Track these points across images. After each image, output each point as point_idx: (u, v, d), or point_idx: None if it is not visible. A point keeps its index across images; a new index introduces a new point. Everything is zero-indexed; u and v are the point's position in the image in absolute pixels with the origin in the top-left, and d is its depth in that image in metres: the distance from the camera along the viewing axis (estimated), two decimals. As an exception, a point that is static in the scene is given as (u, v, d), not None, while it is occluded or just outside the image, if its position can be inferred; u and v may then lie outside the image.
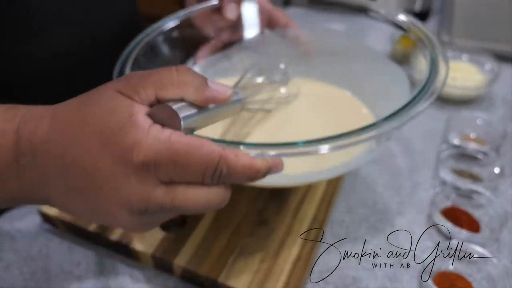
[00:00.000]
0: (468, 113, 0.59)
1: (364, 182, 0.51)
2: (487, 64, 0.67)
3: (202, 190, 0.26)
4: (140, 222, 0.27)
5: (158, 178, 0.25)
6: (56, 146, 0.26)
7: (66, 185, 0.26)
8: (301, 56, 0.51)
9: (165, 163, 0.24)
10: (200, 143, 0.24)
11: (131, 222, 0.26)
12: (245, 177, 0.26)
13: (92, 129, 0.25)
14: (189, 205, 0.26)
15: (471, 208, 0.47)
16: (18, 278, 0.40)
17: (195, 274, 0.39)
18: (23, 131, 0.26)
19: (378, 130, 0.29)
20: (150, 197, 0.25)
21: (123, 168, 0.24)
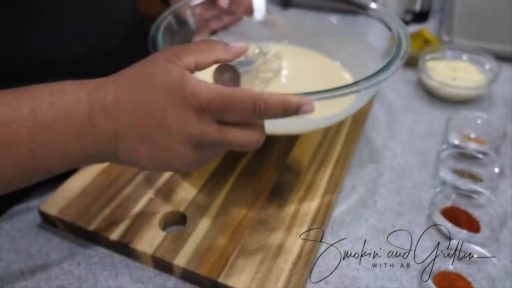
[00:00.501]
0: (468, 113, 0.59)
1: (364, 182, 0.51)
2: (487, 64, 0.67)
3: (245, 130, 0.32)
4: (196, 157, 0.32)
5: (211, 118, 0.31)
6: (126, 103, 0.31)
7: (135, 136, 0.31)
8: (279, 37, 0.62)
9: (215, 106, 0.30)
10: (241, 89, 0.31)
11: (189, 156, 0.32)
12: (279, 110, 0.31)
13: (156, 85, 0.31)
14: (235, 141, 0.32)
15: (471, 208, 0.47)
16: (18, 278, 0.40)
17: (195, 274, 0.39)
18: (93, 97, 0.31)
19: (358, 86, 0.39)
20: (206, 132, 0.31)
21: (185, 111, 0.30)
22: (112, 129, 0.31)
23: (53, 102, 0.30)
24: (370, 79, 0.39)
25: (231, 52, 0.36)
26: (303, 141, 0.53)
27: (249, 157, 0.51)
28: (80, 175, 0.48)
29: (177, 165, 0.33)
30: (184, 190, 0.46)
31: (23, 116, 0.29)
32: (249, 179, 0.48)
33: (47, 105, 0.30)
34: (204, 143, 0.32)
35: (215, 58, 0.34)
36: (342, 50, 0.59)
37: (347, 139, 0.54)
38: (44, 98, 0.30)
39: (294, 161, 0.50)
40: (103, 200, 0.45)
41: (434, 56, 0.70)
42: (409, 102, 0.65)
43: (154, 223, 0.43)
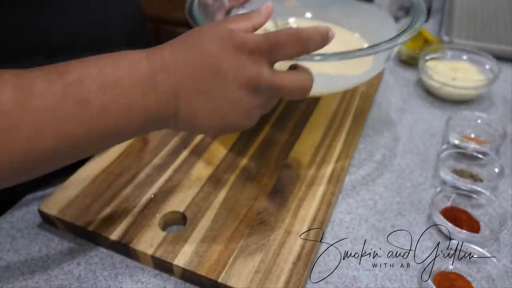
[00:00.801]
0: (468, 113, 0.59)
1: (364, 182, 0.51)
2: (487, 64, 0.67)
3: (295, 73, 0.35)
4: (252, 103, 0.34)
5: (264, 60, 0.33)
6: (182, 59, 0.33)
7: (194, 90, 0.33)
8: (295, 12, 0.64)
9: (265, 47, 0.33)
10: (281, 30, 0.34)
11: (246, 103, 0.34)
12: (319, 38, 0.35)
13: (207, 40, 0.33)
14: (287, 84, 0.34)
15: (471, 208, 0.47)
16: (18, 277, 0.40)
17: (195, 274, 0.39)
18: (152, 57, 0.33)
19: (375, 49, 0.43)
20: (260, 74, 0.33)
21: (238, 56, 0.33)
22: (172, 85, 0.33)
23: (117, 62, 0.32)
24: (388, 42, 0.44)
25: (262, 15, 0.36)
26: (303, 141, 0.54)
27: (249, 157, 0.51)
28: (80, 175, 0.48)
29: (234, 117, 0.35)
30: (184, 190, 0.46)
31: (92, 75, 0.31)
32: (249, 179, 0.48)
33: (111, 65, 0.32)
34: (259, 87, 0.33)
35: (252, 24, 0.35)
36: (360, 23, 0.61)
37: (347, 139, 0.54)
38: (107, 60, 0.32)
39: (294, 161, 0.50)
40: (103, 200, 0.45)
41: (434, 56, 0.70)
42: (409, 102, 0.65)
43: (154, 223, 0.43)
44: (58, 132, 0.30)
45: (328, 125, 0.56)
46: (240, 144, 0.53)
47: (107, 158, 0.50)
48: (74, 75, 0.30)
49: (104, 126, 0.31)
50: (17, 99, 0.28)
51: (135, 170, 0.49)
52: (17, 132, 0.28)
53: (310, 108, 0.60)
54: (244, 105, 0.34)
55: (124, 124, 0.32)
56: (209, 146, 0.53)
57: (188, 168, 0.49)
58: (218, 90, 0.33)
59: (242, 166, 0.50)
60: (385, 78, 0.71)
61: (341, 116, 0.58)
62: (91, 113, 0.30)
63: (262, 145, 0.53)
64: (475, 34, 0.80)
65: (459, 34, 0.79)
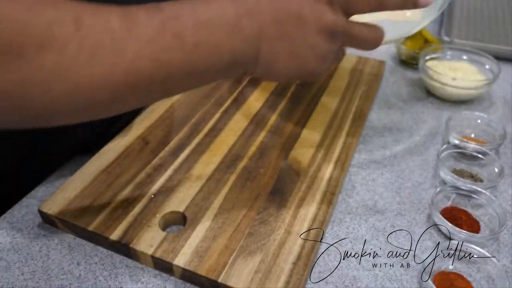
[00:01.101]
0: (468, 113, 0.59)
1: (364, 182, 0.51)
2: (487, 64, 0.67)
3: (367, 26, 0.38)
4: (328, 48, 0.37)
5: (341, 9, 0.36)
6: (266, 5, 0.35)
7: (276, 33, 0.35)
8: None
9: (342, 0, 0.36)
10: None
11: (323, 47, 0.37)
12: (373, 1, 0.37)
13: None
14: (360, 33, 0.38)
15: (471, 208, 0.47)
16: (18, 278, 0.40)
17: (195, 274, 0.39)
18: (235, 2, 0.35)
19: None
20: (337, 21, 0.36)
21: (318, 4, 0.36)
22: (257, 28, 0.35)
23: (208, 4, 0.34)
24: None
25: None
26: (303, 141, 0.54)
27: (249, 157, 0.51)
28: (80, 175, 0.48)
29: (311, 61, 0.37)
30: (184, 190, 0.46)
31: (187, 13, 0.33)
32: (249, 179, 0.48)
33: (204, 7, 0.34)
34: (335, 33, 0.36)
35: None
36: None
37: (347, 139, 0.54)
38: (200, 2, 0.34)
39: (294, 161, 0.50)
40: (103, 200, 0.45)
41: (434, 56, 0.70)
42: (409, 102, 0.65)
43: (154, 223, 0.43)
44: (156, 60, 0.31)
45: (328, 125, 0.56)
46: (240, 144, 0.53)
47: (107, 158, 0.50)
48: (172, 11, 0.32)
49: (195, 61, 0.33)
50: (123, 26, 0.30)
51: (135, 170, 0.49)
52: (122, 56, 0.30)
53: (310, 108, 0.60)
54: (321, 50, 0.37)
55: (212, 63, 0.34)
56: (209, 146, 0.53)
57: (188, 168, 0.49)
58: (298, 34, 0.36)
59: (242, 166, 0.50)
60: (385, 78, 0.71)
61: (341, 116, 0.58)
62: (186, 47, 0.32)
63: (262, 145, 0.53)
64: (475, 34, 0.80)
65: (459, 34, 0.79)
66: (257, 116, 0.58)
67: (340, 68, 0.69)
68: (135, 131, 0.55)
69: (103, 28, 0.29)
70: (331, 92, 0.63)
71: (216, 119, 0.58)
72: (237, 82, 0.65)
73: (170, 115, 0.58)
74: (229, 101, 0.61)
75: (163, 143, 0.53)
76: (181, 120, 0.57)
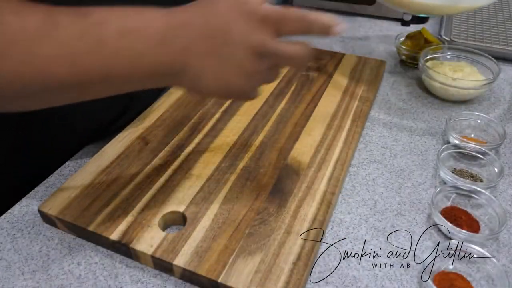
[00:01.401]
0: (468, 113, 0.59)
1: (364, 182, 0.51)
2: (487, 64, 0.67)
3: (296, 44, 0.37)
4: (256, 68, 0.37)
5: (271, 29, 0.36)
6: (196, 20, 0.35)
7: (205, 49, 0.35)
8: None
9: (274, 18, 0.36)
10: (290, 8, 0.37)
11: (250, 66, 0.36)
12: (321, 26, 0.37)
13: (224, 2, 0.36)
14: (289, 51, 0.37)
15: (471, 208, 0.47)
16: (18, 277, 0.40)
17: (195, 274, 0.39)
18: (173, 14, 0.35)
19: None
20: (266, 41, 0.36)
21: (248, 22, 0.35)
22: (186, 42, 0.35)
23: (139, 14, 0.34)
24: None
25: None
26: (303, 141, 0.54)
27: (249, 157, 0.51)
28: (80, 175, 0.48)
29: (238, 80, 0.37)
30: (184, 190, 0.46)
31: (114, 20, 0.33)
32: (249, 179, 0.48)
33: (134, 15, 0.34)
34: (264, 53, 0.36)
35: None
36: None
37: (347, 139, 0.54)
38: (131, 10, 0.34)
39: (294, 161, 0.50)
40: (103, 200, 0.45)
41: (434, 56, 0.70)
42: (409, 102, 0.65)
43: (154, 223, 0.43)
44: (72, 63, 0.32)
45: (328, 125, 0.56)
46: (240, 144, 0.53)
47: (107, 158, 0.50)
48: (98, 17, 0.33)
49: (115, 68, 0.33)
50: (42, 27, 0.31)
51: (135, 170, 0.49)
52: (34, 56, 0.31)
53: (310, 108, 0.60)
54: (248, 68, 0.36)
55: (133, 71, 0.34)
56: (209, 146, 0.53)
57: (188, 168, 0.49)
58: (226, 52, 0.36)
59: (242, 166, 0.50)
60: (385, 78, 0.71)
61: (341, 116, 0.58)
62: (105, 53, 0.33)
63: (262, 145, 0.53)
64: (475, 34, 0.80)
65: (459, 34, 0.79)
66: (257, 116, 0.58)
67: (340, 68, 0.69)
68: (135, 131, 0.55)
69: (20, 27, 0.30)
70: (331, 92, 0.63)
71: (216, 119, 0.58)
72: None
73: (170, 115, 0.58)
74: (229, 101, 0.61)
75: (163, 143, 0.53)
76: (181, 120, 0.57)
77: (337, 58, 0.72)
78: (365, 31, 0.89)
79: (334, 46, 0.82)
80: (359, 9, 0.94)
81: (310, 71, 0.68)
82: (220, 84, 0.37)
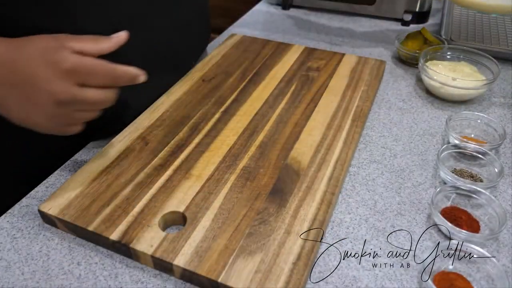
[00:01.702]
0: (468, 113, 0.59)
1: (364, 182, 0.51)
2: (487, 64, 0.67)
3: (102, 90, 0.41)
4: (57, 112, 0.40)
5: (76, 80, 0.39)
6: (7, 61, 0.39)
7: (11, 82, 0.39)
8: None
9: (79, 71, 0.39)
10: (100, 61, 0.40)
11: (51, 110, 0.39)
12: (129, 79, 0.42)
13: (32, 49, 0.39)
14: (92, 97, 0.40)
15: (471, 208, 0.47)
16: (18, 277, 0.40)
17: (195, 274, 0.39)
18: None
19: None
20: (69, 91, 0.39)
21: (54, 71, 0.38)
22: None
23: None
24: None
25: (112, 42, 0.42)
26: (303, 141, 0.54)
27: (249, 157, 0.51)
28: (80, 175, 0.48)
29: (39, 117, 0.40)
30: (184, 190, 0.46)
31: None
32: (249, 179, 0.48)
33: None
34: (63, 100, 0.39)
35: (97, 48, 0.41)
36: None
37: (347, 139, 0.54)
38: None
39: (294, 161, 0.50)
40: (103, 200, 0.45)
41: (434, 56, 0.70)
42: (409, 102, 0.65)
43: (154, 223, 0.43)
44: None
45: (328, 125, 0.56)
46: (240, 144, 0.53)
47: (107, 158, 0.50)
48: None
49: None
50: None
51: (135, 170, 0.49)
52: None
53: (310, 108, 0.60)
54: (49, 112, 0.40)
55: None
56: (209, 146, 0.53)
57: (188, 168, 0.49)
58: (30, 91, 0.39)
59: (242, 166, 0.50)
60: (385, 78, 0.71)
61: (341, 116, 0.58)
62: None
63: (262, 145, 0.53)
64: (475, 35, 0.80)
65: (459, 34, 0.79)
66: (257, 116, 0.58)
67: (340, 68, 0.69)
68: (135, 131, 0.55)
69: None
70: (331, 92, 0.63)
71: (216, 119, 0.58)
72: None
73: (170, 115, 0.58)
74: (229, 101, 0.61)
75: (163, 143, 0.53)
76: (181, 120, 0.57)
77: (337, 58, 0.72)
78: (365, 31, 0.89)
79: (334, 46, 0.82)
80: (359, 9, 0.94)
81: (310, 71, 0.68)
82: (23, 117, 0.41)
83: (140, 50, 0.55)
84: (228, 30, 0.90)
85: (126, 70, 0.41)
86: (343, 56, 0.72)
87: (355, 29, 0.89)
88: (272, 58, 0.72)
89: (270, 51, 0.75)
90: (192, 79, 0.66)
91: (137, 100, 0.60)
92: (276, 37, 0.86)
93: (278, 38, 0.85)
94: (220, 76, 0.67)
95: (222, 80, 0.66)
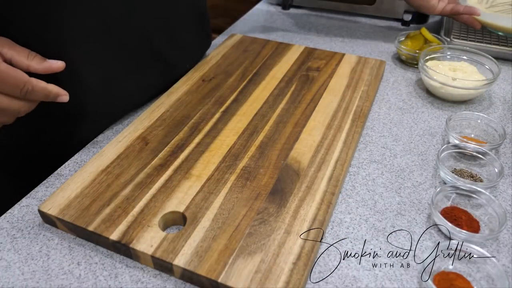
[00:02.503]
0: (468, 113, 0.59)
1: (364, 182, 0.51)
2: (487, 64, 0.67)
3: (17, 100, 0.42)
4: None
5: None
6: None
7: None
8: None
9: None
10: (15, 71, 0.41)
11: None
12: (42, 95, 0.44)
13: None
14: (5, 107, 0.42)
15: (471, 208, 0.47)
16: (18, 277, 0.40)
17: (195, 274, 0.39)
18: None
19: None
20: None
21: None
22: None
23: None
24: None
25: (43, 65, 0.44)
26: (303, 141, 0.54)
27: (249, 157, 0.51)
28: (80, 175, 0.48)
29: None
30: (184, 190, 0.46)
31: None
32: (249, 179, 0.48)
33: None
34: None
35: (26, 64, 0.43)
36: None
37: (347, 139, 0.54)
38: None
39: (294, 161, 0.50)
40: (103, 200, 0.45)
41: (434, 56, 0.70)
42: (409, 102, 0.65)
43: (154, 223, 0.43)
44: None
45: (328, 125, 0.56)
46: (240, 144, 0.53)
47: (107, 158, 0.50)
48: None
49: None
50: None
51: (135, 170, 0.49)
52: None
53: (310, 108, 0.60)
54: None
55: None
56: (209, 146, 0.53)
57: (188, 168, 0.49)
58: None
59: (242, 166, 0.50)
60: (385, 78, 0.71)
61: (341, 116, 0.58)
62: None
63: (262, 145, 0.53)
64: (475, 34, 0.80)
65: (459, 34, 0.79)
66: (257, 116, 0.58)
67: (340, 68, 0.69)
68: (135, 131, 0.55)
69: None
70: (331, 92, 0.63)
71: (216, 119, 0.58)
72: None
73: (170, 115, 0.58)
74: (229, 101, 0.61)
75: (163, 143, 0.53)
76: (181, 120, 0.57)
77: (337, 58, 0.72)
78: (365, 31, 0.89)
79: (334, 46, 0.82)
80: (359, 9, 0.94)
81: (310, 71, 0.68)
82: None
83: (132, 48, 0.55)
84: (228, 30, 0.90)
85: (45, 87, 0.42)
86: (343, 56, 0.72)
87: (355, 29, 0.89)
88: (272, 58, 0.72)
89: (270, 51, 0.75)
90: (192, 79, 0.66)
91: (130, 100, 0.60)
92: (276, 37, 0.86)
93: (278, 38, 0.85)
94: (220, 76, 0.67)
95: (222, 80, 0.66)
